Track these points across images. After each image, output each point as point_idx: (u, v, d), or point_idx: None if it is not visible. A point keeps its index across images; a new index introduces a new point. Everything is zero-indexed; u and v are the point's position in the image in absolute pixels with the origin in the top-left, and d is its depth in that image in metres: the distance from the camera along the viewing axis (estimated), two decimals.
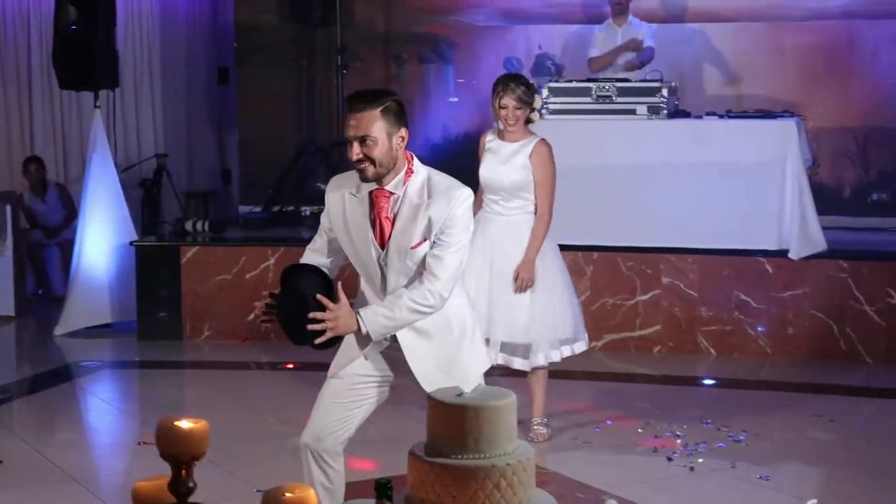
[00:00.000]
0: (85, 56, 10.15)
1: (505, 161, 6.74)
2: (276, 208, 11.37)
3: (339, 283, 4.33)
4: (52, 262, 11.80)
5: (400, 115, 4.27)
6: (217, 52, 13.16)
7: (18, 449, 6.90)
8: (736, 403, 7.79)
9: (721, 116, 9.57)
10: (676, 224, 9.09)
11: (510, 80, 6.80)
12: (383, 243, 4.30)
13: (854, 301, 8.71)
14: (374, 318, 4.23)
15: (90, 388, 8.58)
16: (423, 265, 4.28)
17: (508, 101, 6.69)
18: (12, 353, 10.25)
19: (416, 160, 4.35)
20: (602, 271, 9.20)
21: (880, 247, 9.45)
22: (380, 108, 4.22)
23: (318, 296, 4.23)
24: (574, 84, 9.59)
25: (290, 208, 11.34)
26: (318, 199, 11.48)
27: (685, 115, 9.65)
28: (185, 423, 2.90)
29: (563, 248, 7.11)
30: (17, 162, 12.26)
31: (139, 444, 6.83)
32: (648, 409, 7.64)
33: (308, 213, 11.28)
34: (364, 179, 4.27)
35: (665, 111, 9.25)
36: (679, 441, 6.90)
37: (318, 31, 12.26)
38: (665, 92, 9.28)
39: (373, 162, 4.21)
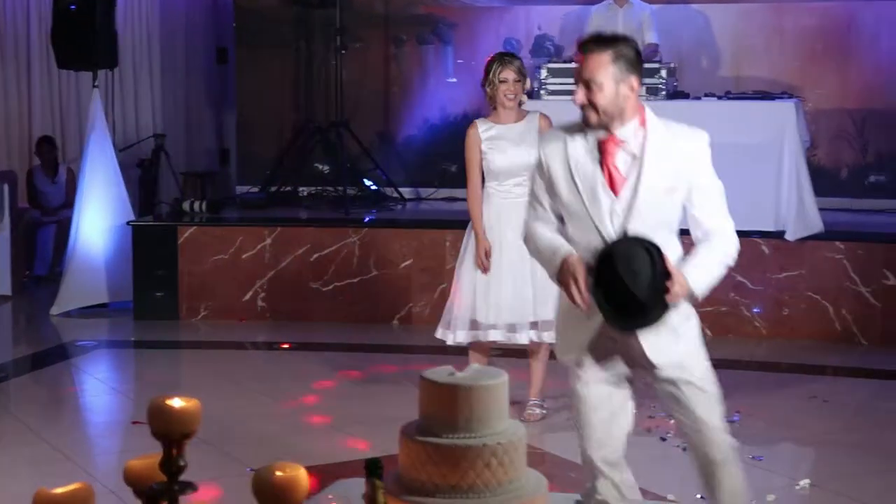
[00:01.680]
0: (84, 35, 10.13)
1: (519, 142, 6.71)
2: (273, 188, 11.37)
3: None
4: (44, 242, 11.77)
5: (633, 64, 4.01)
6: (216, 33, 13.14)
7: (14, 428, 6.91)
8: (730, 384, 7.71)
9: (720, 97, 9.57)
10: None
11: (504, 55, 6.86)
12: (616, 191, 4.07)
13: (850, 283, 8.72)
14: (698, 275, 4.01)
15: (86, 367, 8.59)
16: (666, 220, 4.08)
17: (509, 73, 6.70)
18: (9, 332, 10.26)
19: (648, 110, 4.12)
20: None
21: (877, 228, 9.46)
22: (610, 53, 3.99)
23: (663, 256, 3.91)
24: (573, 65, 9.54)
25: (288, 188, 11.35)
26: (316, 180, 11.59)
27: (684, 96, 9.65)
28: (176, 402, 2.90)
29: None
30: (15, 141, 12.26)
31: (133, 423, 6.84)
32: (643, 390, 7.63)
33: (305, 193, 11.29)
34: (587, 125, 4.05)
35: (664, 92, 9.26)
36: (673, 421, 6.91)
37: (317, 11, 12.24)
38: (664, 73, 9.29)
39: (595, 108, 3.99)
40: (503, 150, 6.73)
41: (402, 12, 12.28)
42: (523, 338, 6.74)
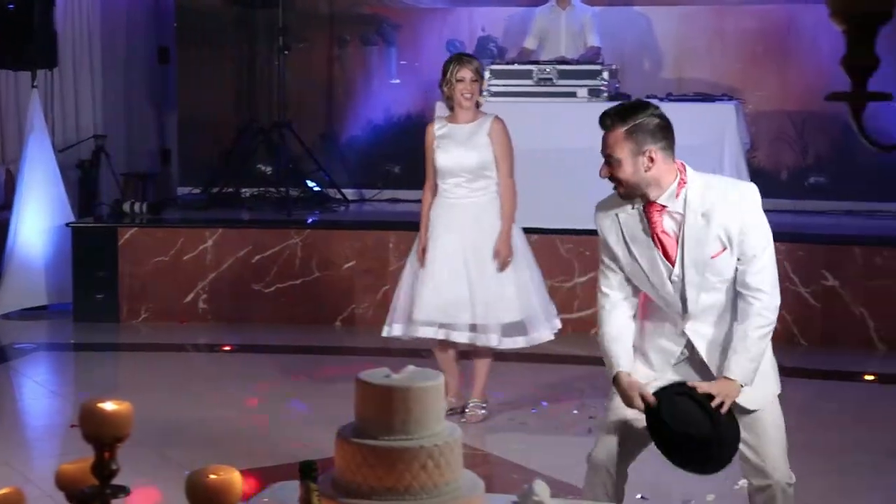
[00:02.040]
0: (22, 35, 10.04)
1: (464, 142, 6.76)
2: (215, 190, 11.30)
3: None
4: None
5: (652, 133, 4.05)
6: (158, 32, 13.04)
7: None
8: None
9: (661, 99, 9.59)
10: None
11: (463, 55, 6.93)
12: (671, 259, 4.12)
13: (790, 283, 8.78)
14: (740, 370, 4.09)
15: (24, 370, 8.50)
16: (726, 278, 4.11)
17: (466, 72, 6.74)
18: None
19: (688, 170, 4.14)
20: (540, 253, 9.20)
21: (817, 230, 9.54)
22: (625, 128, 4.04)
23: (697, 389, 4.11)
24: (515, 67, 9.62)
25: (230, 190, 11.28)
26: (258, 181, 11.53)
27: (626, 97, 9.66)
28: (108, 405, 2.88)
29: None
30: None
31: (72, 426, 6.77)
32: (584, 391, 7.67)
33: (248, 194, 11.23)
34: (621, 197, 4.14)
35: (606, 94, 9.29)
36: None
37: (259, 11, 12.17)
38: (606, 75, 9.33)
39: (620, 182, 4.08)
40: (447, 149, 6.77)
41: (346, 13, 12.25)
42: (460, 337, 6.76)
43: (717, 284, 4.12)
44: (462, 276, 6.68)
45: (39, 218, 10.07)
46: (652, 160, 4.03)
